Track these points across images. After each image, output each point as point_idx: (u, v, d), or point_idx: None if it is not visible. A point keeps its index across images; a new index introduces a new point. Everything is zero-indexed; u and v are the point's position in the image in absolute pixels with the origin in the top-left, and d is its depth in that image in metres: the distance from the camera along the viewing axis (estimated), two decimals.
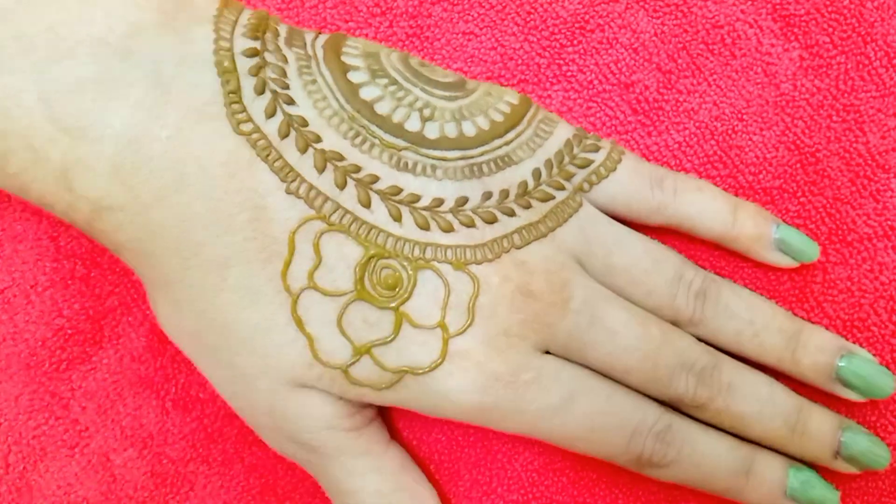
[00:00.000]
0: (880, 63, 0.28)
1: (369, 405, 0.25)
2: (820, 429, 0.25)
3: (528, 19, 0.28)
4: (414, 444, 0.27)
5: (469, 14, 0.28)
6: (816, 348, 0.26)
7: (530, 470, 0.27)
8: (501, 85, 0.28)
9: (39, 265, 0.28)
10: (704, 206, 0.26)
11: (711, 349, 0.25)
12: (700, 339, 0.25)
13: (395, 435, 0.27)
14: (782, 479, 0.25)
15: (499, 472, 0.27)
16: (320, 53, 0.24)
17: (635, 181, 0.25)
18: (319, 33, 0.25)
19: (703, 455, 0.24)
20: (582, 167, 0.25)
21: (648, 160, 0.28)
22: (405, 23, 0.28)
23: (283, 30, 0.24)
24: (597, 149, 0.25)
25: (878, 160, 0.28)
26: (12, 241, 0.28)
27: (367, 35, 0.28)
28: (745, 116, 0.28)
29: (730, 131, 0.28)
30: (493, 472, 0.27)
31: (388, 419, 0.27)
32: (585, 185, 0.25)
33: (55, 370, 0.27)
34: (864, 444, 0.25)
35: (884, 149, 0.28)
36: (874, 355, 0.26)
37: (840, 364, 0.25)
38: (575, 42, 0.28)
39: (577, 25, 0.28)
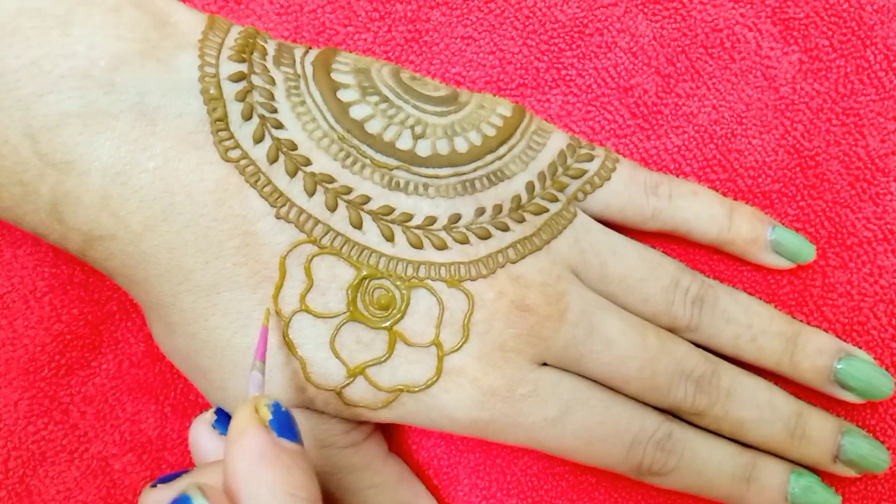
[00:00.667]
0: (880, 66, 0.28)
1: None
2: (819, 433, 0.25)
3: (526, 24, 0.28)
4: (413, 448, 0.27)
5: (468, 19, 0.28)
6: (815, 351, 0.26)
7: (529, 475, 0.27)
8: (499, 90, 0.28)
9: (38, 270, 0.28)
10: (700, 210, 0.26)
11: (709, 356, 0.25)
12: (698, 345, 0.25)
13: (393, 439, 0.27)
14: (783, 484, 0.25)
15: (498, 476, 0.27)
16: (309, 71, 0.24)
17: (630, 188, 0.25)
18: (309, 49, 0.25)
19: (703, 462, 0.24)
20: (576, 177, 0.25)
21: (647, 164, 0.28)
22: (403, 27, 0.28)
23: (271, 47, 0.24)
24: (591, 158, 0.25)
25: (877, 164, 0.28)
26: (11, 247, 0.28)
27: (365, 40, 0.28)
28: (744, 120, 0.28)
29: (729, 135, 0.28)
30: (492, 476, 0.27)
31: (386, 424, 0.27)
32: (580, 195, 0.25)
33: (54, 375, 0.27)
34: (863, 448, 0.25)
35: (883, 152, 0.28)
36: (874, 358, 0.26)
37: (838, 366, 0.25)
38: (574, 46, 0.28)
39: (575, 30, 0.28)
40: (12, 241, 0.28)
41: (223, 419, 0.23)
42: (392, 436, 0.27)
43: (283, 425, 0.19)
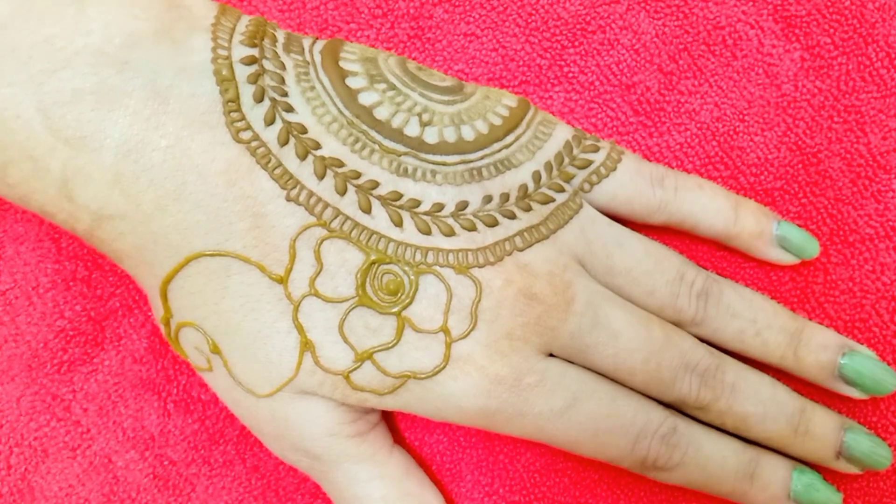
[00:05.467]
0: (881, 64, 0.28)
1: (372, 410, 0.25)
2: (822, 429, 0.25)
3: (529, 21, 0.28)
4: (415, 444, 0.27)
5: (470, 15, 0.28)
6: (819, 346, 0.26)
7: (532, 470, 0.27)
8: (502, 87, 0.28)
9: (41, 266, 0.28)
10: (706, 203, 0.26)
11: (714, 350, 0.25)
12: (702, 339, 0.25)
13: (396, 435, 0.27)
14: (786, 481, 0.25)
15: (500, 472, 0.27)
16: (318, 59, 0.24)
17: (636, 180, 0.25)
18: (317, 39, 0.25)
19: (707, 458, 0.24)
20: (582, 168, 0.25)
21: (650, 161, 0.28)
22: (406, 24, 0.28)
23: (280, 36, 0.24)
24: (596, 149, 0.25)
25: (879, 161, 0.28)
26: (14, 243, 0.28)
27: (368, 36, 0.28)
28: (746, 117, 0.28)
29: (731, 132, 0.28)
30: (494, 472, 0.27)
31: (390, 420, 0.27)
32: (586, 186, 0.25)
33: (56, 372, 0.27)
34: (866, 445, 0.25)
35: (885, 150, 0.28)
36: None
37: (842, 361, 0.25)
38: (576, 43, 0.28)
39: (578, 27, 0.28)
40: (14, 237, 0.28)
41: None
42: (394, 430, 0.27)
43: None
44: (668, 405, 0.25)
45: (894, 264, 0.27)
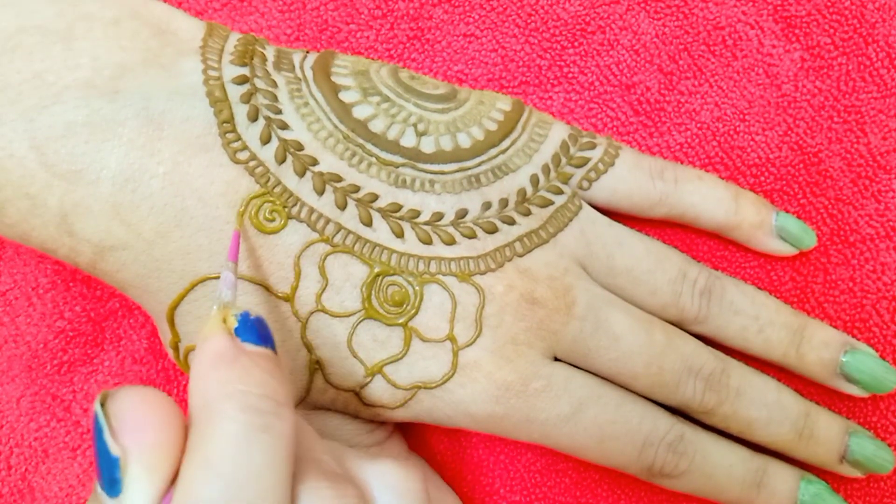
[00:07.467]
0: (881, 64, 0.28)
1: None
2: (827, 434, 0.25)
3: (529, 21, 0.28)
4: (416, 446, 0.27)
5: (470, 16, 0.28)
6: (821, 343, 0.25)
7: (533, 471, 0.27)
8: (502, 88, 0.28)
9: (41, 267, 0.28)
10: (707, 193, 0.26)
11: (719, 353, 0.25)
12: (705, 338, 0.25)
13: None
14: (793, 491, 0.25)
15: (501, 473, 0.27)
16: (310, 75, 0.24)
17: (635, 173, 0.25)
18: (307, 53, 0.25)
19: (715, 466, 0.24)
20: (579, 166, 0.25)
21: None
22: (406, 25, 0.28)
23: (270, 53, 0.24)
24: (593, 146, 0.25)
25: (879, 161, 0.28)
26: (14, 243, 0.28)
27: (368, 37, 0.28)
28: (746, 117, 0.28)
29: (731, 132, 0.28)
30: (495, 473, 0.27)
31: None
32: (584, 183, 0.25)
33: (57, 372, 0.27)
34: (869, 450, 0.25)
35: (885, 149, 0.28)
36: None
37: (844, 359, 0.25)
38: (576, 44, 0.28)
39: (578, 27, 0.28)
40: None
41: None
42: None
43: (250, 331, 0.19)
44: (674, 410, 0.25)
45: (894, 264, 0.27)
